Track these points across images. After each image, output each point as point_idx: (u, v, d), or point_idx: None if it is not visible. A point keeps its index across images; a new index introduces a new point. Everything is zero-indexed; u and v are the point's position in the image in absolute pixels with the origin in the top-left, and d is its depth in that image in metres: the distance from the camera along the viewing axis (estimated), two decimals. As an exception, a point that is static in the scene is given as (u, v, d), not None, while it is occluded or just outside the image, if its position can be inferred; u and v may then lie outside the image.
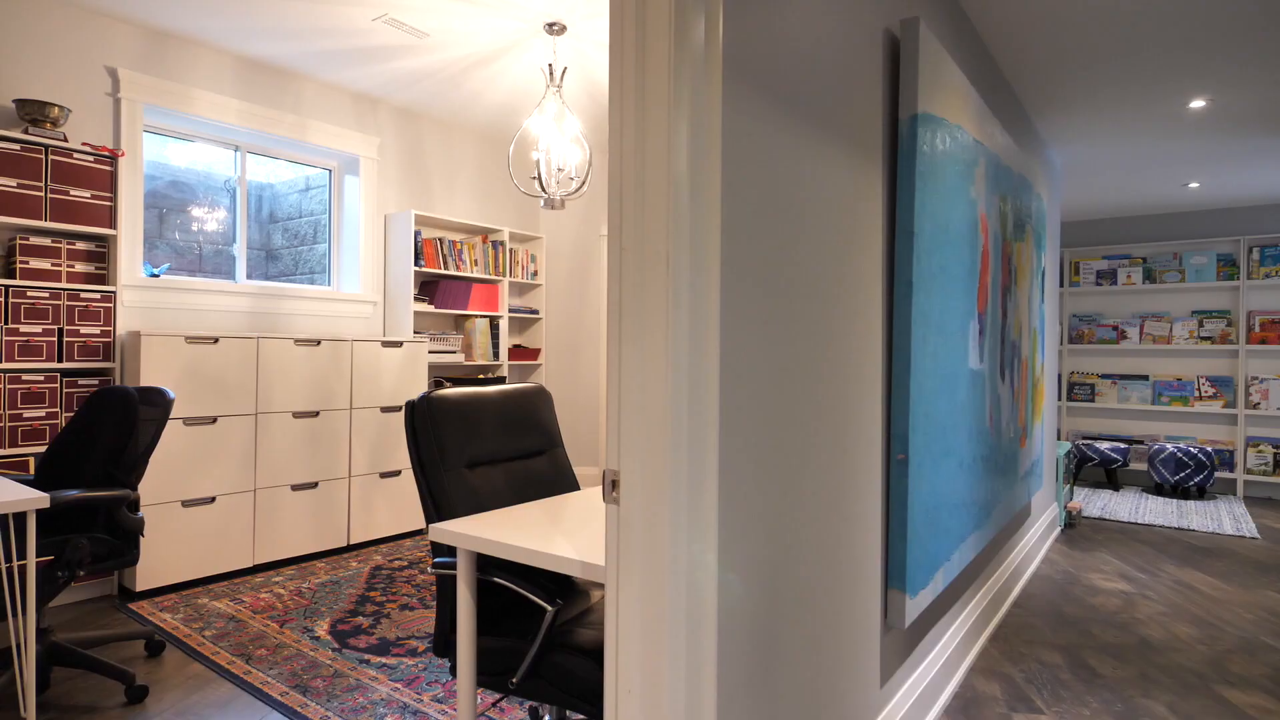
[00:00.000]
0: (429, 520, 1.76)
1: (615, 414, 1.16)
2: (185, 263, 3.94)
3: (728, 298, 1.24)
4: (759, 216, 1.34)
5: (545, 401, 2.20)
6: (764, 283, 1.36)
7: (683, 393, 1.12)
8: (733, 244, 1.26)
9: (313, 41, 3.66)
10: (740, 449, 1.29)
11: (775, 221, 1.40)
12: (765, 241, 1.36)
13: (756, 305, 1.34)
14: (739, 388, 1.28)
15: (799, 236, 1.49)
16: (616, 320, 1.16)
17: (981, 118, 2.50)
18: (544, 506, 1.83)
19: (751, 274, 1.32)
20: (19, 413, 2.93)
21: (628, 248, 1.15)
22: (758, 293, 1.34)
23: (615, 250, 1.16)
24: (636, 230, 1.14)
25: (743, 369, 1.29)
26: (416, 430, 1.79)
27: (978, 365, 2.50)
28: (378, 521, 4.09)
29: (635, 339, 1.13)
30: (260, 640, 2.75)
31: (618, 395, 1.16)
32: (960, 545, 2.33)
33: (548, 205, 3.53)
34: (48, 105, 3.03)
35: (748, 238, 1.31)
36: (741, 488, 1.29)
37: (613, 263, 1.16)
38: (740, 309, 1.29)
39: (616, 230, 1.16)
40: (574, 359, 5.62)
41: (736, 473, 1.28)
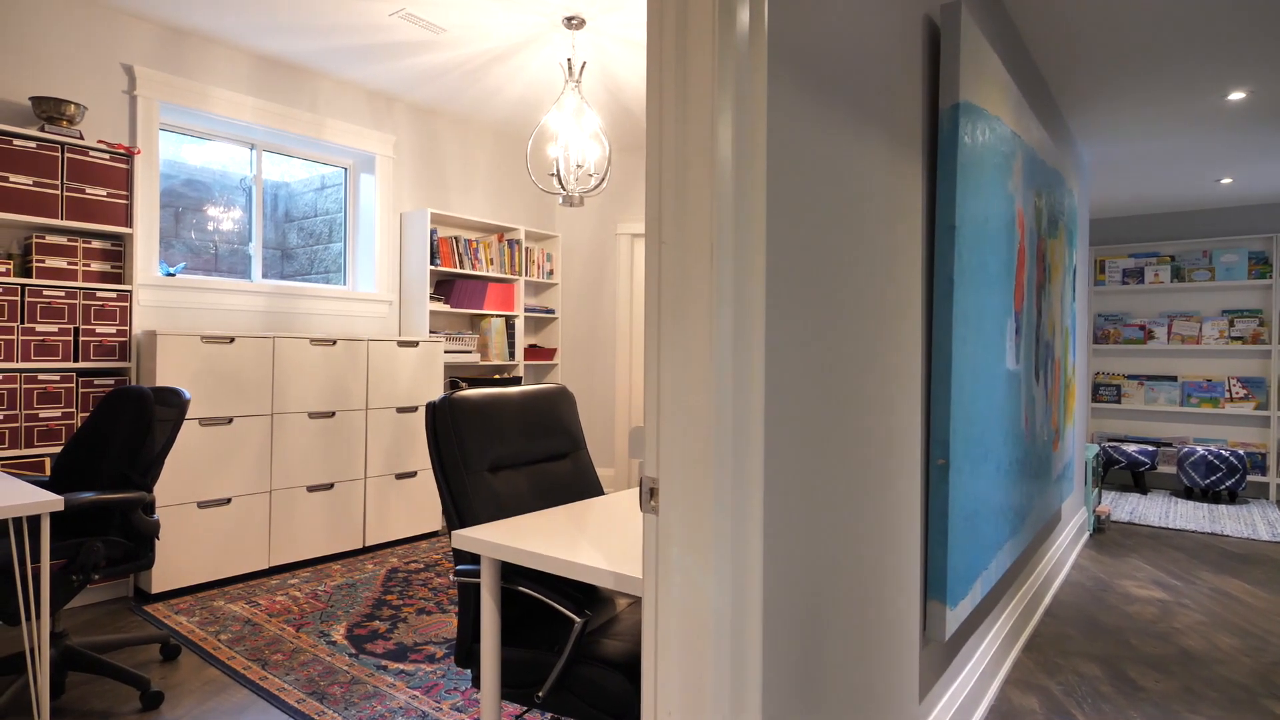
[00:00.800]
0: (451, 526, 1.70)
1: (654, 419, 1.09)
2: (201, 262, 3.91)
3: (770, 295, 1.17)
4: (800, 210, 1.27)
5: (568, 402, 2.13)
6: (805, 279, 1.29)
7: (727, 396, 1.05)
8: (775, 238, 1.19)
9: (329, 38, 3.61)
10: (783, 455, 1.21)
11: (816, 215, 1.33)
12: (807, 236, 1.29)
13: (798, 303, 1.27)
14: (782, 390, 1.21)
15: (839, 230, 1.41)
16: (655, 318, 1.09)
17: (1019, 110, 2.41)
18: (569, 512, 1.76)
19: (793, 270, 1.25)
20: (35, 412, 2.91)
21: (668, 241, 1.08)
22: (799, 290, 1.27)
23: (654, 244, 1.09)
24: (677, 223, 1.07)
25: (785, 370, 1.22)
26: (438, 433, 1.73)
27: (1014, 366, 2.41)
28: (393, 523, 4.05)
29: (676, 338, 1.07)
30: (276, 644, 2.71)
31: (656, 399, 1.09)
32: (997, 553, 2.24)
33: (566, 202, 3.47)
34: (64, 103, 3.00)
35: (790, 232, 1.24)
36: (785, 496, 1.22)
37: (651, 258, 1.10)
38: (782, 307, 1.21)
39: (655, 223, 1.09)
40: (590, 359, 5.56)
41: (780, 480, 1.21)
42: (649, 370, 1.10)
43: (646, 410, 1.11)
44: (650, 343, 1.10)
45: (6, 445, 2.84)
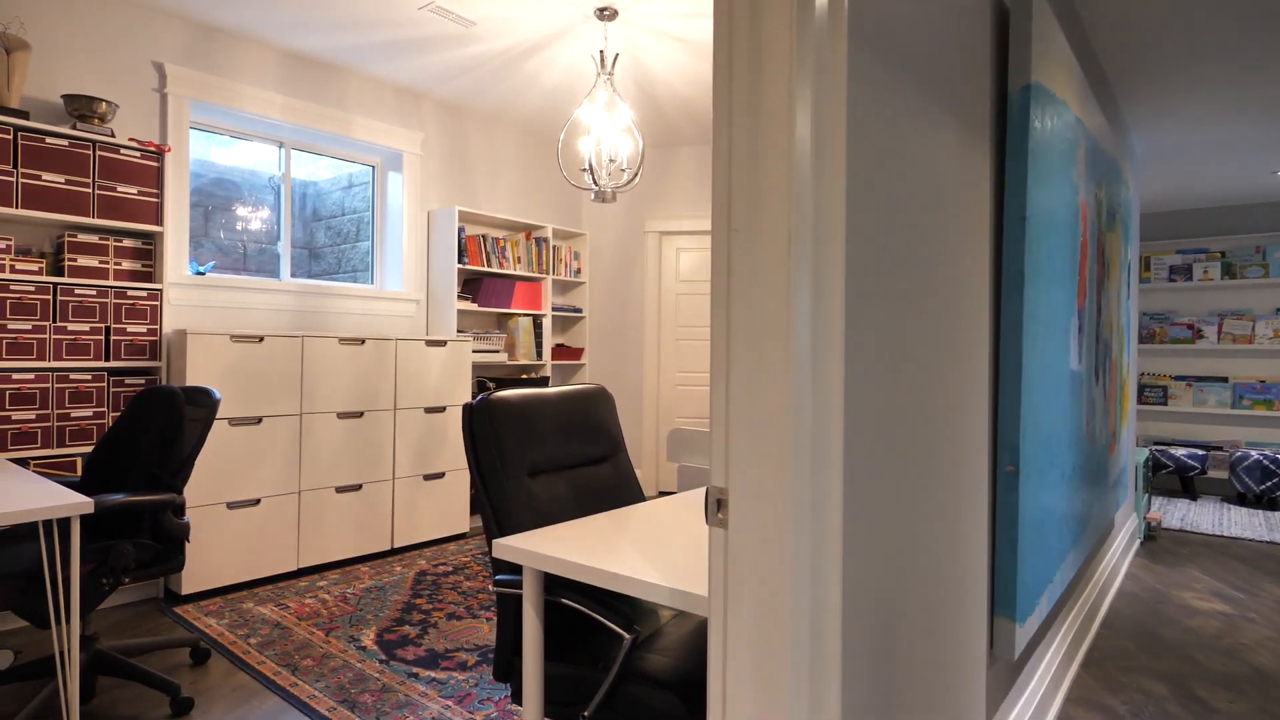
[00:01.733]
0: (490, 534, 1.62)
1: (721, 424, 0.99)
2: (230, 261, 3.89)
3: (848, 287, 1.07)
4: (874, 196, 1.17)
5: (608, 404, 2.05)
6: (879, 271, 1.19)
7: (806, 397, 0.95)
8: (851, 226, 1.09)
9: (358, 34, 3.56)
10: (859, 461, 1.11)
11: (888, 202, 1.22)
12: (880, 224, 1.19)
13: (872, 297, 1.16)
14: (858, 391, 1.11)
15: (910, 219, 1.31)
16: (723, 311, 1.00)
17: (1082, 94, 2.28)
18: (612, 519, 1.68)
19: (868, 261, 1.15)
20: (66, 412, 2.88)
21: (739, 228, 0.98)
22: (873, 283, 1.17)
23: (722, 231, 1.00)
24: (750, 207, 0.97)
25: (861, 369, 1.12)
26: (475, 436, 1.65)
27: (1077, 366, 2.28)
28: (422, 524, 3.99)
29: (747, 333, 0.97)
30: (306, 649, 2.65)
31: (724, 401, 0.99)
32: (1061, 565, 2.12)
33: (598, 198, 3.39)
34: (95, 101, 2.97)
35: (864, 219, 1.14)
36: (861, 507, 1.12)
37: (719, 246, 1.00)
38: (857, 301, 1.11)
39: (724, 208, 1.00)
40: (618, 359, 5.47)
41: (856, 489, 1.11)
42: (716, 369, 1.00)
43: (713, 414, 1.01)
44: (717, 339, 1.01)
45: (39, 445, 2.82)
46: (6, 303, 2.75)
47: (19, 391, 2.77)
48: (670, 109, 4.59)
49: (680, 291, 5.47)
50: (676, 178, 5.45)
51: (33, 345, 2.81)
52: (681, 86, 4.19)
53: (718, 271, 1.01)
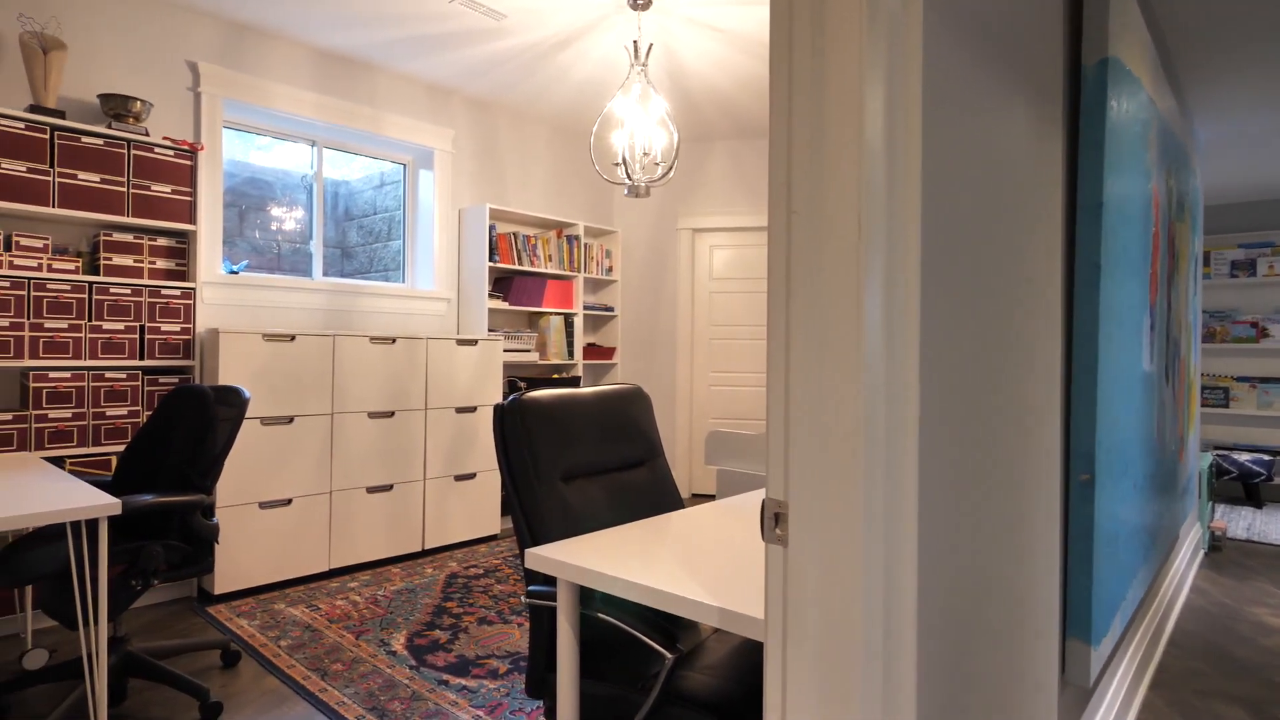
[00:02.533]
0: (522, 542, 1.53)
1: (780, 429, 0.89)
2: (264, 260, 3.88)
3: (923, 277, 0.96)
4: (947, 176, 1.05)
5: (644, 405, 1.95)
6: (952, 259, 1.07)
7: (879, 398, 0.84)
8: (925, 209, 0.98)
9: (389, 29, 3.52)
10: (934, 472, 1.00)
11: (961, 183, 1.10)
12: (953, 209, 1.07)
13: (945, 289, 1.05)
14: (933, 393, 1.00)
15: (982, 205, 1.19)
16: (782, 304, 0.89)
17: (1154, 73, 2.12)
18: (650, 528, 1.58)
19: (941, 249, 1.03)
20: (102, 410, 2.88)
21: (800, 211, 0.88)
22: (946, 272, 1.05)
23: (780, 215, 0.90)
24: (813, 186, 0.87)
25: (934, 369, 1.01)
26: (507, 438, 1.57)
27: (1149, 366, 2.12)
28: (452, 526, 3.94)
29: (812, 327, 0.86)
30: (336, 653, 2.61)
31: (783, 403, 0.89)
32: (1134, 581, 1.96)
33: (631, 193, 3.29)
34: (130, 100, 2.97)
35: (937, 203, 1.02)
36: (934, 523, 1.01)
37: (776, 232, 0.90)
38: (931, 293, 1.00)
39: (782, 188, 0.89)
40: (650, 359, 5.38)
41: (930, 503, 0.99)
42: (774, 368, 0.90)
43: (770, 418, 0.91)
44: (775, 332, 0.90)
45: (75, 443, 2.82)
46: (43, 301, 2.76)
47: (55, 390, 2.77)
48: (704, 102, 4.48)
49: (714, 290, 5.36)
50: (710, 174, 5.33)
51: (69, 344, 2.81)
52: (716, 78, 4.08)
53: (775, 260, 0.91)
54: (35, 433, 2.72)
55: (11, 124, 2.67)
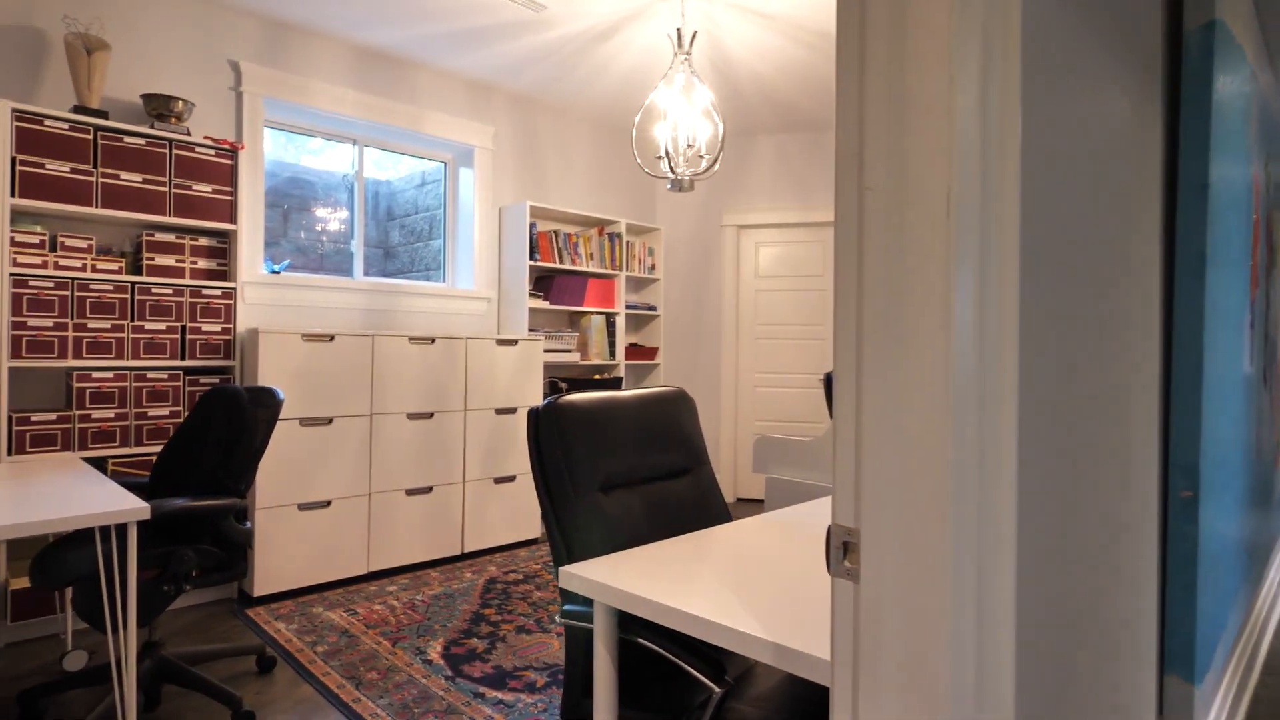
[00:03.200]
0: (556, 557, 1.43)
1: (849, 443, 0.76)
2: (307, 261, 3.88)
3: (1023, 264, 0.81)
4: (1044, 148, 0.90)
5: (689, 409, 1.83)
6: (1048, 246, 0.92)
7: (969, 409, 0.70)
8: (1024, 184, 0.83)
9: (429, 24, 3.47)
10: (1031, 494, 0.85)
11: (1058, 158, 0.95)
12: (1049, 186, 0.92)
13: (1040, 278, 0.90)
14: (1031, 402, 0.85)
15: (1078, 185, 1.03)
16: (853, 297, 0.76)
17: (1256, 43, 1.91)
18: (694, 544, 1.45)
19: (1038, 234, 0.88)
20: (144, 411, 2.88)
21: (875, 186, 0.74)
22: (1043, 261, 0.90)
23: (850, 192, 0.76)
24: (890, 156, 0.73)
25: (1034, 373, 0.86)
26: (541, 445, 1.47)
27: (1248, 368, 1.91)
28: (492, 529, 3.88)
29: (888, 325, 0.73)
30: (371, 661, 2.54)
31: (853, 413, 0.76)
32: (1233, 607, 1.76)
33: (675, 187, 3.17)
34: (172, 100, 2.97)
35: (1035, 180, 0.87)
36: (1033, 554, 0.86)
37: (845, 212, 0.77)
38: (1028, 284, 0.85)
39: (853, 160, 0.76)
40: (694, 359, 5.25)
41: (1029, 531, 0.85)
42: (842, 370, 0.77)
43: (838, 430, 0.78)
44: (843, 331, 0.77)
45: (118, 444, 2.82)
46: (87, 302, 2.77)
47: (99, 390, 2.78)
48: (749, 93, 4.33)
49: (760, 288, 5.19)
50: (755, 168, 5.17)
51: (111, 344, 2.81)
52: (762, 68, 3.92)
53: (844, 245, 0.77)
54: (79, 433, 2.73)
55: (56, 125, 2.68)
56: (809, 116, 4.74)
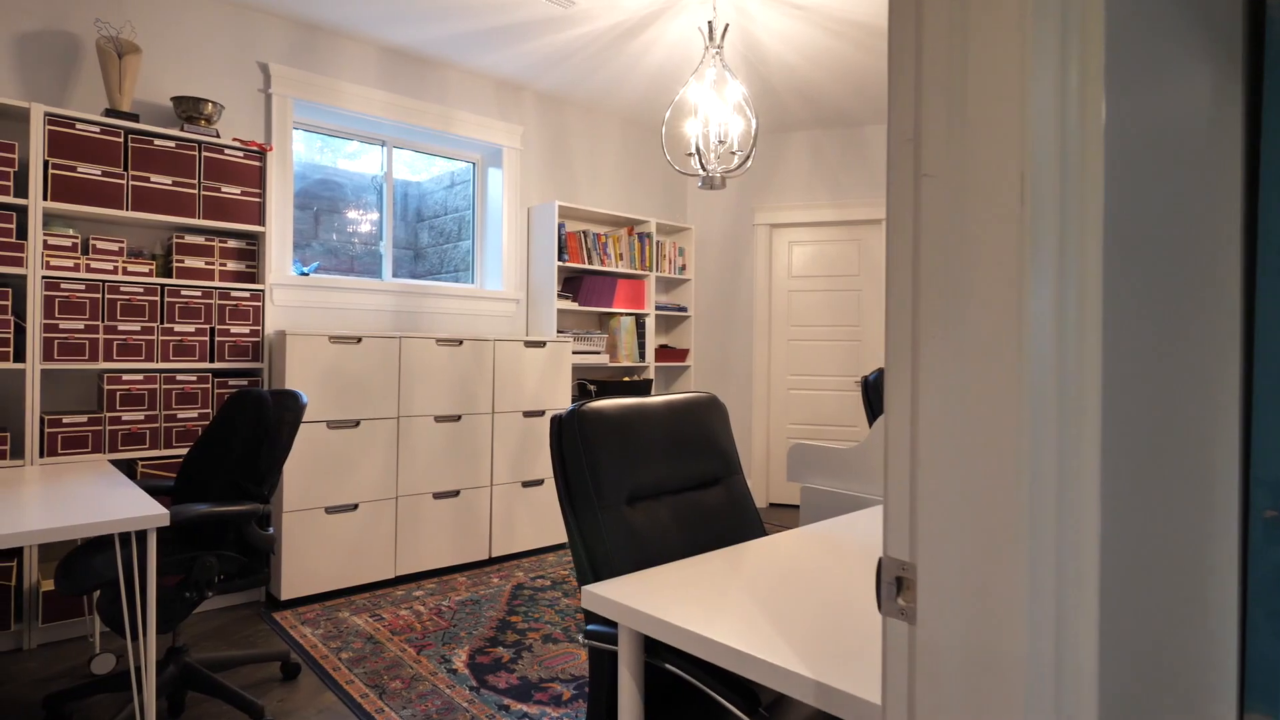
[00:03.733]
0: (581, 574, 1.35)
1: (902, 464, 0.67)
2: (338, 262, 3.87)
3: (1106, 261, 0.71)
4: (1127, 129, 0.80)
5: (720, 416, 1.74)
6: (1132, 241, 0.81)
7: (1046, 425, 0.61)
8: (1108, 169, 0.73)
9: (456, 22, 3.43)
10: (1115, 524, 0.75)
11: (1142, 140, 0.84)
12: (1135, 171, 0.81)
13: (1123, 277, 0.79)
14: (1112, 418, 0.75)
15: (1165, 170, 0.92)
16: (906, 298, 0.67)
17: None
18: (727, 561, 1.37)
19: (1122, 227, 0.78)
20: (173, 413, 2.89)
21: (935, 172, 0.65)
22: (1127, 258, 0.79)
23: (904, 179, 0.67)
24: (953, 138, 0.64)
25: (1116, 386, 0.75)
26: (565, 456, 1.39)
27: (1332, 373, 1.75)
28: (520, 534, 3.83)
29: (948, 329, 0.64)
30: (396, 669, 2.50)
31: (908, 430, 0.67)
32: (1319, 634, 1.60)
33: (706, 185, 3.08)
34: (202, 102, 2.97)
35: (1118, 164, 0.77)
36: (1116, 590, 0.76)
37: (899, 202, 0.68)
38: (1111, 284, 0.75)
39: (906, 143, 0.67)
40: (725, 361, 5.14)
41: (1112, 565, 0.74)
42: (894, 382, 0.68)
43: (889, 450, 0.69)
44: (896, 337, 0.68)
45: (147, 446, 2.83)
46: (117, 304, 2.77)
47: (129, 392, 2.79)
48: (782, 88, 4.21)
49: (793, 288, 5.07)
50: (788, 165, 5.05)
51: (141, 346, 2.82)
52: (796, 61, 3.81)
53: (897, 239, 0.68)
54: (109, 435, 2.74)
55: (88, 128, 2.69)
56: (844, 111, 4.60)
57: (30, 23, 2.77)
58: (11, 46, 2.73)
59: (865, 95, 4.30)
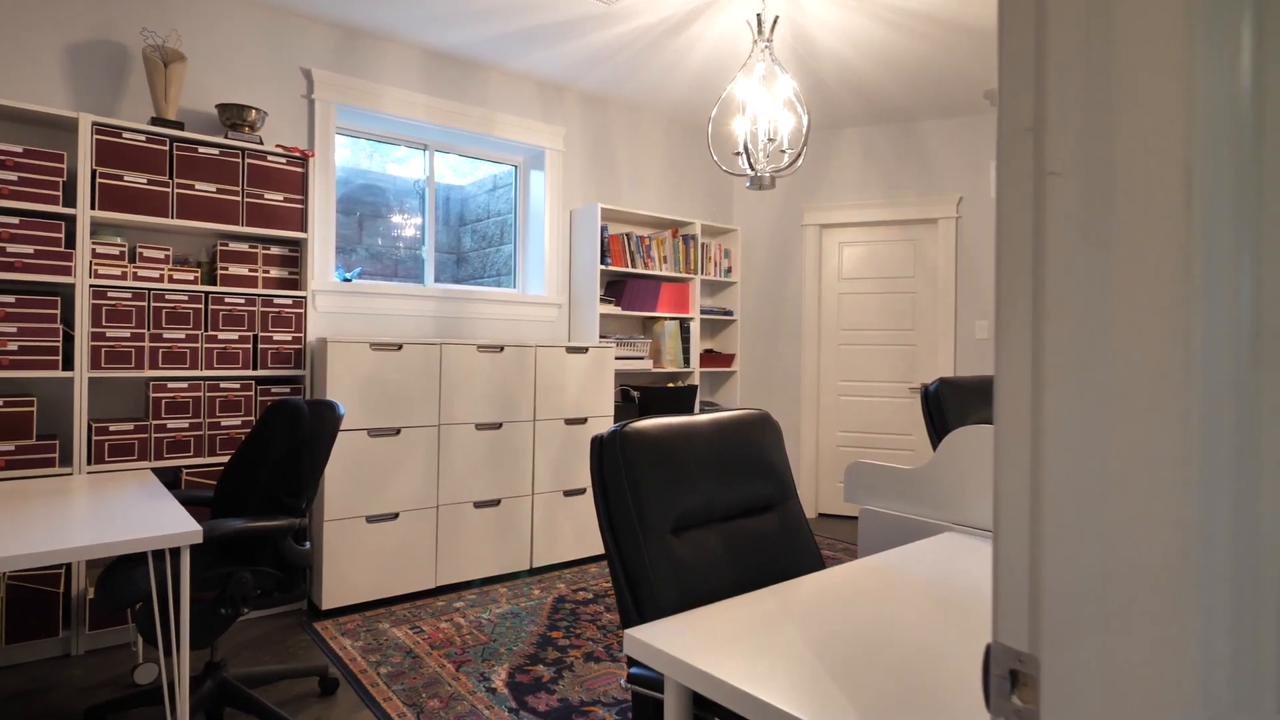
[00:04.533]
0: (624, 612, 1.24)
1: (1019, 524, 0.54)
2: (381, 267, 3.85)
3: None
4: None
5: (773, 435, 1.61)
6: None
7: (1220, 497, 0.47)
8: None
9: (497, 23, 3.36)
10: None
11: None
12: None
13: None
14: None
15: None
16: (1025, 319, 0.54)
17: None
18: (781, 599, 1.24)
19: None
20: (217, 421, 2.88)
21: (1064, 170, 0.52)
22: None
23: (1021, 175, 0.54)
24: (1088, 129, 0.51)
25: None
26: (606, 480, 1.28)
27: None
28: (561, 544, 3.74)
29: (1087, 361, 0.51)
30: (434, 686, 2.44)
31: (1026, 482, 0.54)
32: None
33: (754, 185, 2.94)
34: (245, 109, 2.96)
35: None
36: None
37: (1014, 201, 0.55)
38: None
39: (1023, 132, 0.54)
40: (772, 366, 4.98)
41: None
42: (1006, 420, 0.55)
43: (999, 511, 0.56)
44: (1009, 366, 0.55)
45: (191, 453, 2.83)
46: (163, 312, 2.78)
47: (174, 400, 2.79)
48: (833, 83, 4.04)
49: (844, 290, 4.88)
50: (839, 163, 4.87)
51: (186, 354, 2.82)
52: (849, 54, 3.64)
53: (1011, 246, 0.55)
54: (155, 443, 2.75)
55: (134, 137, 2.70)
56: (899, 106, 4.40)
57: (79, 33, 2.80)
58: (61, 57, 2.76)
59: (921, 88, 4.10)
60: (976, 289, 4.50)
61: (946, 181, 4.59)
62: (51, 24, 2.75)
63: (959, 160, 4.55)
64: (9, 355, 2.47)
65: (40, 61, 2.72)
